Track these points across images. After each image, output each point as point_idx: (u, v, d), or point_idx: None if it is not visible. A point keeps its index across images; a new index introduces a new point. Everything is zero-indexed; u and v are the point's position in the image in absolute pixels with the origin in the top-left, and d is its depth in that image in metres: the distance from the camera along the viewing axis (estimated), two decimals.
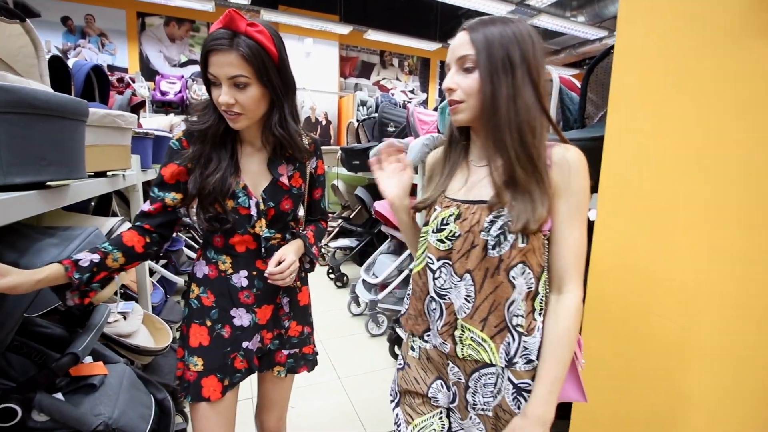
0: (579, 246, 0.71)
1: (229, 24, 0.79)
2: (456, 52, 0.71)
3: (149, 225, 0.91)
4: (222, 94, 0.82)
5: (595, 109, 1.54)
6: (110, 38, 5.83)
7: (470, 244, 0.71)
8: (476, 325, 0.73)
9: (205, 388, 0.94)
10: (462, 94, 0.70)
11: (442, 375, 0.81)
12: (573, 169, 0.69)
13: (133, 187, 1.67)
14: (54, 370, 0.85)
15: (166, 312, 2.08)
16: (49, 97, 0.79)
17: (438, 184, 0.79)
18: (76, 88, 1.56)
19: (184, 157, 0.89)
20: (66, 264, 0.76)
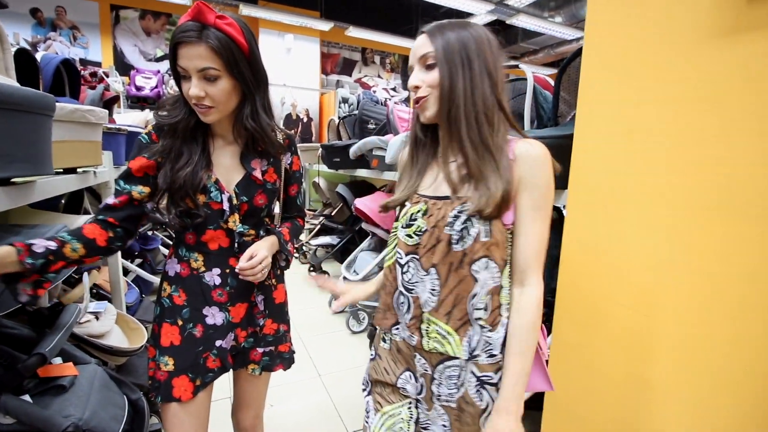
0: (541, 240, 0.72)
1: (198, 16, 0.79)
2: (417, 52, 0.73)
3: (113, 218, 0.88)
4: (192, 86, 0.81)
5: (568, 108, 1.58)
6: (82, 31, 5.64)
7: (435, 239, 0.73)
8: (441, 318, 0.75)
9: (176, 389, 0.93)
10: (426, 89, 0.73)
11: (411, 366, 0.83)
12: (536, 163, 0.70)
13: (105, 184, 1.64)
14: (21, 372, 0.83)
15: (141, 312, 2.04)
16: (12, 91, 0.76)
17: (409, 182, 0.81)
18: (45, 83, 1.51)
19: (154, 151, 0.88)
20: (19, 246, 0.72)
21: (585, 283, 1.05)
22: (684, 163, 0.84)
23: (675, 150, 0.85)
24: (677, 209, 0.85)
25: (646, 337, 0.91)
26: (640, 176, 0.92)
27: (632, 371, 0.95)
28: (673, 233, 0.86)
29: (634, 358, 0.94)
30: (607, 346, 1.00)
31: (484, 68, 0.70)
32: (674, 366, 0.88)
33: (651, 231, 0.90)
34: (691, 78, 0.82)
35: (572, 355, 1.09)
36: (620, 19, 0.96)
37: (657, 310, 0.90)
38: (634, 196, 0.93)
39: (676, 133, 0.85)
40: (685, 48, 0.83)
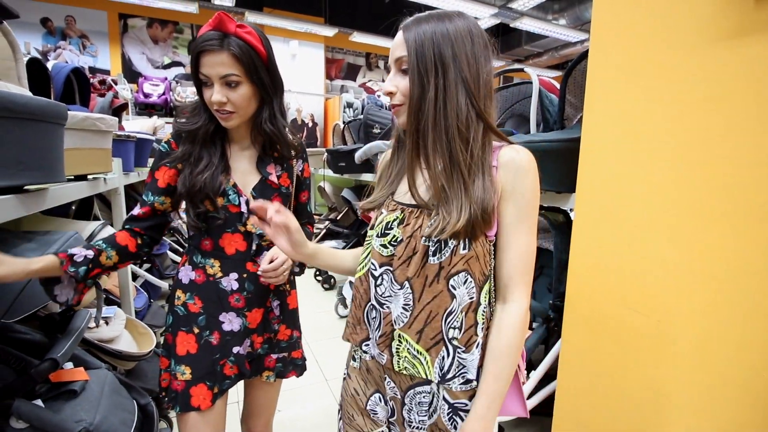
0: (526, 252, 0.67)
1: (219, 26, 0.83)
2: (393, 53, 0.67)
3: (139, 228, 0.92)
4: (214, 93, 0.84)
5: (574, 111, 1.58)
6: (92, 40, 5.73)
7: (411, 250, 0.68)
8: (412, 336, 0.69)
9: (195, 398, 0.93)
10: (401, 97, 0.67)
11: (380, 388, 0.78)
12: (521, 171, 0.65)
13: (115, 190, 1.65)
14: (33, 377, 0.84)
15: (150, 317, 2.06)
16: (26, 101, 0.78)
17: (387, 185, 0.76)
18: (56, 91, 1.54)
19: (174, 158, 0.90)
20: (61, 257, 0.77)
21: (595, 287, 1.04)
22: (693, 165, 0.83)
23: (683, 152, 0.85)
24: (687, 211, 0.85)
25: (658, 343, 0.90)
26: (649, 178, 0.92)
27: (644, 377, 0.94)
28: (684, 236, 0.85)
29: (645, 363, 0.93)
30: (617, 351, 0.99)
31: (459, 75, 0.63)
32: (687, 372, 0.86)
33: (661, 234, 0.90)
34: (698, 79, 0.82)
35: (582, 360, 1.08)
36: (626, 21, 0.96)
37: (669, 314, 0.89)
38: (644, 199, 0.93)
39: (684, 135, 0.85)
40: (692, 49, 0.83)
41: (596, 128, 1.03)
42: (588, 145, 1.06)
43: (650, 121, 0.91)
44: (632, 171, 0.95)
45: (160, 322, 2.08)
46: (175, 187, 0.91)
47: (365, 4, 7.02)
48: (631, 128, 0.95)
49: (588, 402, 1.07)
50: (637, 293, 0.95)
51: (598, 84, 1.03)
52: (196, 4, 5.32)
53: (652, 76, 0.90)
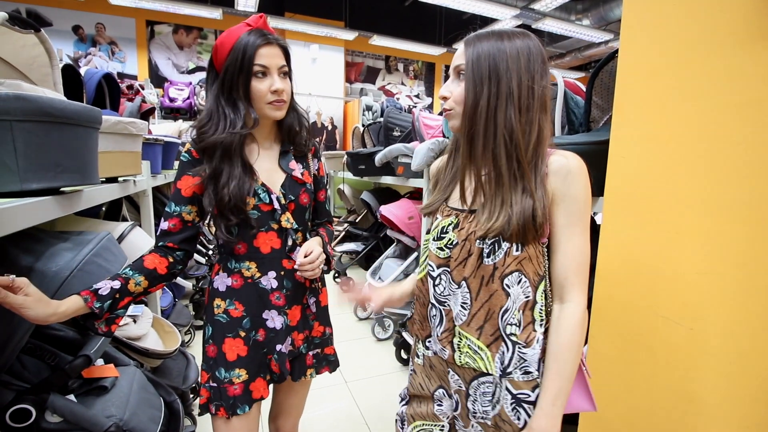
0: (580, 254, 0.69)
1: (264, 26, 0.92)
2: (454, 62, 0.73)
3: (172, 243, 0.93)
4: (276, 82, 0.90)
5: (601, 113, 1.54)
6: (120, 46, 5.94)
7: (467, 252, 0.72)
8: (472, 333, 0.73)
9: (255, 392, 0.96)
10: (452, 102, 0.72)
11: (444, 383, 0.82)
12: (571, 176, 0.68)
13: (144, 192, 1.70)
14: (67, 372, 0.87)
15: (174, 316, 2.11)
16: (65, 106, 0.81)
17: (440, 191, 0.81)
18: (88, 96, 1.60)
19: (197, 169, 0.91)
20: (85, 295, 0.77)
21: (623, 293, 1.01)
22: (727, 169, 0.80)
23: (717, 155, 0.82)
24: (721, 216, 0.82)
25: (690, 352, 0.87)
26: (680, 182, 0.89)
27: (675, 387, 0.91)
28: (718, 241, 0.82)
29: (677, 373, 0.90)
30: (647, 360, 0.96)
31: (512, 88, 0.66)
32: (721, 382, 0.83)
33: (694, 239, 0.86)
34: (733, 82, 0.79)
35: (610, 369, 1.05)
36: (657, 21, 0.93)
37: (702, 322, 0.85)
38: (675, 203, 0.90)
39: (718, 138, 0.82)
40: (727, 51, 0.80)
41: (626, 130, 1.01)
42: (617, 148, 1.03)
43: (682, 124, 0.88)
44: (663, 174, 0.92)
45: (184, 321, 2.13)
46: (200, 196, 0.92)
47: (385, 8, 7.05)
48: (662, 131, 0.92)
49: (616, 412, 1.04)
50: (668, 300, 0.92)
51: (628, 85, 1.00)
52: (220, 10, 5.44)
53: (685, 77, 0.87)
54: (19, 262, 0.80)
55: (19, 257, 0.81)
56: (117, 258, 0.97)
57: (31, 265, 0.80)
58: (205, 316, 1.01)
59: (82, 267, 0.83)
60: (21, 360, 0.96)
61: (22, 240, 0.86)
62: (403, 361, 2.33)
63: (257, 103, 0.91)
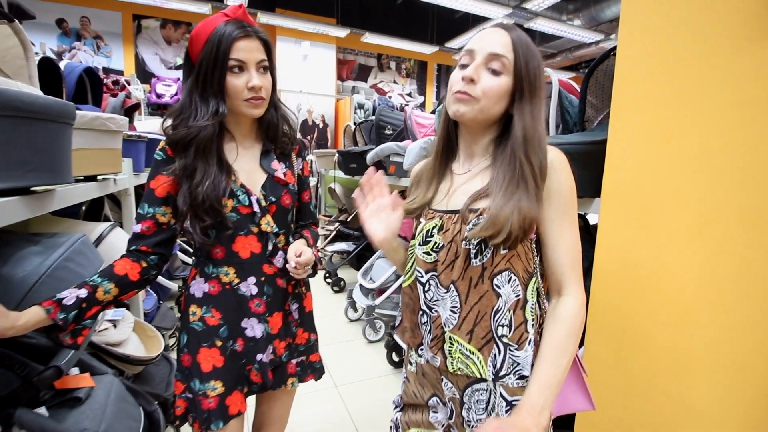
0: (573, 247, 0.69)
1: (243, 17, 0.86)
2: (489, 46, 0.67)
3: (146, 246, 0.87)
4: (254, 78, 0.84)
5: (595, 112, 1.53)
6: (106, 40, 5.80)
7: (454, 255, 0.70)
8: (463, 337, 0.71)
9: (232, 406, 0.91)
10: (479, 92, 0.67)
11: (438, 391, 0.79)
12: (556, 171, 0.68)
13: (125, 191, 1.64)
14: (36, 385, 0.82)
15: (159, 318, 2.04)
16: (33, 99, 0.76)
17: (423, 194, 0.78)
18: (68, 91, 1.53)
19: (172, 169, 0.85)
20: (47, 306, 0.71)
21: (620, 298, 0.99)
22: (727, 171, 0.78)
23: (716, 157, 0.80)
24: (721, 220, 0.79)
25: (690, 359, 0.85)
26: (678, 184, 0.86)
27: (673, 393, 0.89)
28: (718, 246, 0.80)
29: (675, 379, 0.88)
30: (645, 365, 0.94)
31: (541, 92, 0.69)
32: (719, 388, 0.81)
33: (692, 243, 0.84)
34: (731, 83, 0.77)
35: (606, 375, 1.03)
36: (655, 21, 0.91)
37: (701, 328, 0.83)
38: (674, 206, 0.87)
39: (716, 140, 0.80)
40: (725, 52, 0.78)
41: (623, 131, 0.98)
42: (614, 149, 1.00)
43: (680, 125, 0.86)
44: (661, 176, 0.90)
45: (169, 324, 2.07)
46: (174, 196, 0.87)
47: (377, 6, 7.00)
48: (660, 132, 0.90)
49: (613, 418, 1.02)
50: (666, 305, 0.89)
51: (626, 86, 0.98)
52: (209, 5, 5.35)
53: (683, 78, 0.85)
54: None
55: None
56: (91, 262, 0.92)
57: None
58: (181, 322, 0.95)
59: (51, 272, 0.78)
60: None
61: None
62: (395, 364, 2.29)
63: (233, 101, 0.86)
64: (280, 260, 0.95)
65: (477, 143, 0.75)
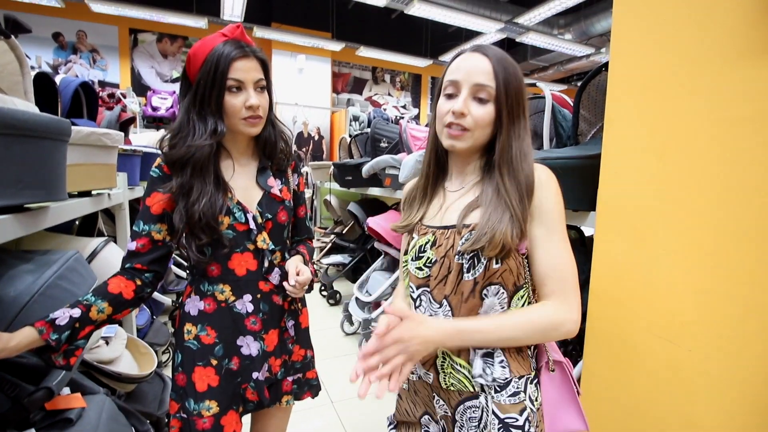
0: (560, 262, 0.68)
1: (241, 37, 0.88)
2: (474, 77, 0.68)
3: (140, 264, 0.86)
4: (251, 97, 0.85)
5: (588, 126, 1.54)
6: (102, 54, 5.82)
7: (447, 270, 0.71)
8: (453, 351, 0.72)
9: (227, 427, 0.89)
10: (472, 123, 0.69)
11: (429, 409, 0.79)
12: (543, 188, 0.68)
13: (120, 205, 1.63)
14: (26, 406, 0.80)
15: (152, 334, 2.01)
16: (28, 117, 0.75)
17: (416, 211, 0.79)
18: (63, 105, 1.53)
19: (168, 186, 0.85)
20: (40, 326, 0.70)
21: (618, 312, 0.99)
22: (721, 184, 0.79)
23: (710, 170, 0.81)
24: (716, 233, 0.80)
25: (690, 374, 0.85)
26: (674, 198, 0.87)
27: (674, 410, 0.88)
28: (715, 258, 0.80)
29: (676, 396, 0.87)
30: (645, 382, 0.93)
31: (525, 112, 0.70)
32: (721, 405, 0.80)
33: (689, 257, 0.85)
34: (724, 96, 0.78)
35: (605, 392, 1.02)
36: (647, 35, 0.92)
37: (701, 343, 0.83)
38: (669, 219, 0.88)
39: (710, 153, 0.81)
40: (718, 66, 0.79)
41: (617, 145, 0.99)
42: (609, 163, 1.01)
43: (674, 139, 0.87)
44: (656, 190, 0.90)
45: (162, 340, 2.03)
46: (170, 213, 0.86)
47: (372, 20, 7.09)
48: (654, 146, 0.91)
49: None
50: (665, 320, 0.89)
51: (619, 100, 0.99)
52: (206, 19, 5.40)
53: (676, 91, 0.87)
54: None
55: None
56: (85, 280, 0.90)
57: None
58: (175, 341, 0.94)
59: (44, 291, 0.77)
60: None
61: None
62: None
63: (231, 119, 0.86)
64: (276, 277, 0.94)
65: (469, 165, 0.77)
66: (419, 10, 5.27)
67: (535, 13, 5.33)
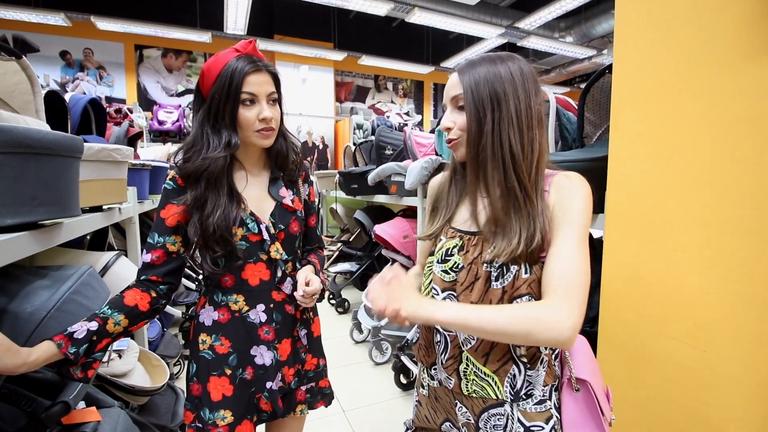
0: (573, 268, 0.62)
1: (254, 52, 0.90)
2: (449, 92, 0.73)
3: (155, 276, 0.87)
4: (264, 109, 0.87)
5: (593, 129, 1.54)
6: (108, 70, 5.92)
7: (474, 276, 0.70)
8: (479, 359, 0.71)
9: None
10: (457, 131, 0.72)
11: (451, 416, 0.78)
12: (567, 189, 0.67)
13: (130, 219, 1.65)
14: (43, 421, 0.80)
15: (163, 346, 2.02)
16: (42, 136, 0.77)
17: (444, 213, 0.79)
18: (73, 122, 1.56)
19: (183, 199, 0.87)
20: (58, 340, 0.71)
21: (631, 314, 0.98)
22: (730, 185, 0.79)
23: (719, 170, 0.80)
24: (726, 233, 0.79)
25: (705, 376, 0.84)
26: (683, 198, 0.87)
27: (689, 413, 0.87)
28: (727, 258, 0.80)
29: (691, 397, 0.86)
30: (659, 383, 0.92)
31: (513, 110, 0.66)
32: (737, 406, 0.79)
33: (699, 257, 0.84)
34: (731, 96, 0.78)
35: (618, 394, 1.01)
36: (651, 36, 0.93)
37: (715, 343, 0.82)
38: (678, 220, 0.88)
39: (718, 153, 0.80)
40: (724, 66, 0.79)
41: (624, 147, 0.99)
42: (616, 165, 1.01)
43: (681, 139, 0.87)
44: (664, 190, 0.90)
45: (173, 352, 2.04)
46: (184, 225, 0.88)
47: (373, 29, 7.16)
48: (661, 146, 0.91)
49: None
50: (677, 321, 0.89)
51: (624, 102, 0.99)
52: (209, 33, 5.48)
53: (681, 92, 0.87)
54: None
55: None
56: (99, 294, 0.91)
57: (4, 307, 0.74)
58: (190, 351, 0.95)
59: (59, 306, 0.78)
60: None
61: None
62: (403, 387, 2.25)
63: (244, 132, 0.88)
64: (288, 287, 0.95)
65: None
66: (420, 18, 5.32)
67: (535, 17, 5.36)
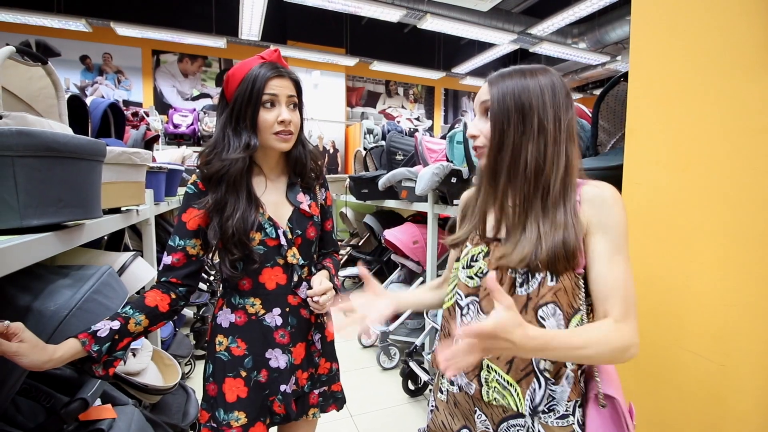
0: (623, 282, 0.64)
1: (278, 60, 0.94)
2: (479, 98, 0.74)
3: (175, 278, 0.90)
4: (283, 112, 0.90)
5: (608, 137, 1.54)
6: (126, 75, 6.05)
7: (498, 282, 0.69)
8: (502, 367, 0.70)
9: None
10: (483, 139, 0.72)
11: (469, 423, 0.78)
12: (607, 205, 0.67)
13: (146, 221, 1.68)
14: (63, 417, 0.82)
15: (175, 346, 2.05)
16: (68, 140, 0.79)
17: (471, 221, 0.80)
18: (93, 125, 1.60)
19: (203, 202, 0.89)
20: (83, 338, 0.73)
21: (647, 327, 0.96)
22: (747, 195, 0.78)
23: (735, 180, 0.80)
24: (744, 244, 0.79)
25: (722, 390, 0.82)
26: (700, 209, 0.86)
27: (706, 428, 0.85)
28: (743, 270, 0.79)
29: (709, 413, 0.85)
30: (676, 398, 0.91)
31: (537, 124, 0.66)
32: (756, 422, 0.78)
33: (717, 268, 0.83)
34: (747, 106, 0.78)
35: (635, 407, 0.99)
36: (667, 45, 0.92)
37: (733, 357, 0.81)
38: (694, 231, 0.87)
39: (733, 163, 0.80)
40: (742, 74, 0.79)
41: (639, 156, 0.99)
42: (630, 174, 1.01)
43: (697, 149, 0.86)
44: (680, 200, 0.89)
45: (185, 352, 2.07)
46: (204, 229, 0.90)
47: (385, 35, 7.21)
48: (676, 156, 0.90)
49: None
50: (695, 334, 0.87)
51: (639, 111, 0.99)
52: (225, 39, 5.57)
53: (697, 101, 0.86)
54: (16, 301, 0.77)
55: (17, 297, 0.78)
56: (118, 294, 0.94)
57: (28, 305, 0.77)
58: (207, 352, 0.97)
59: (81, 305, 0.80)
60: (15, 402, 0.91)
61: (19, 277, 0.83)
62: (411, 393, 2.25)
63: (263, 134, 0.90)
64: (304, 291, 0.97)
65: None
66: (432, 24, 5.34)
67: (548, 23, 5.34)
